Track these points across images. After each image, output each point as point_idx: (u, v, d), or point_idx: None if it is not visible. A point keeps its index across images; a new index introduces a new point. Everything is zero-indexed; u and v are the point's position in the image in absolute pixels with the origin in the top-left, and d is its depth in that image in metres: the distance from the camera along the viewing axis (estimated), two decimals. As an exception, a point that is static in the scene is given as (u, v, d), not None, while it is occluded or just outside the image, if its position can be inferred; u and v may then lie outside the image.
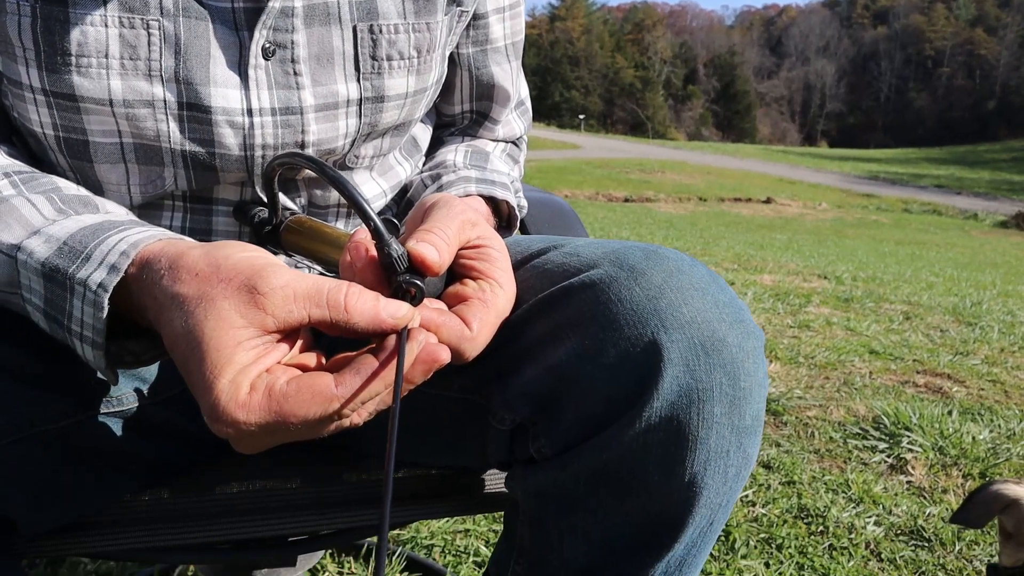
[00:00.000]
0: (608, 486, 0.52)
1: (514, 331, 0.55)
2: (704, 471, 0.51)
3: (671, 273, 0.53)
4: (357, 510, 0.68)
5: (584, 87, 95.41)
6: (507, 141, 0.84)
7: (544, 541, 0.57)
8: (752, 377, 0.52)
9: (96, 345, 0.45)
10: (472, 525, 1.47)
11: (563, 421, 0.53)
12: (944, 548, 1.51)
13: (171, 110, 0.57)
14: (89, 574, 1.27)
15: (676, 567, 0.55)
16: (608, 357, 0.50)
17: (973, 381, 2.82)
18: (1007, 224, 20.11)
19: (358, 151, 0.67)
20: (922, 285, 5.71)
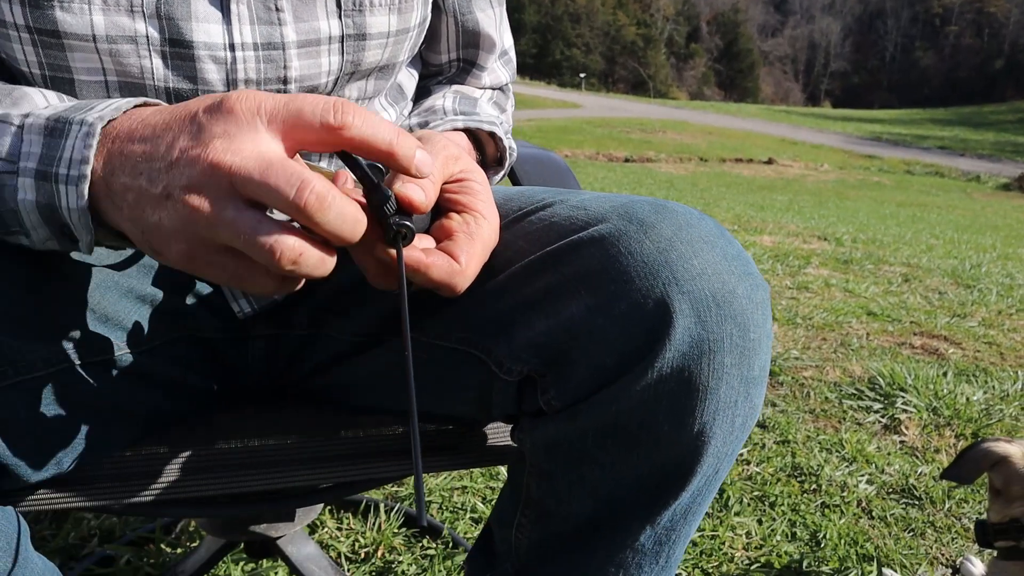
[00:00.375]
0: (618, 437, 0.53)
1: (520, 283, 0.56)
2: (713, 421, 0.52)
3: (680, 227, 0.53)
4: (355, 464, 0.69)
5: (585, 45, 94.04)
6: (493, 88, 0.84)
7: (552, 493, 0.58)
8: (761, 328, 0.53)
9: (81, 177, 0.44)
10: (469, 482, 1.49)
11: (573, 374, 0.53)
12: (934, 506, 1.54)
13: (154, 46, 0.57)
14: (92, 530, 1.29)
15: (682, 515, 0.57)
16: (619, 309, 0.51)
17: (969, 343, 2.83)
18: (1010, 187, 20.00)
19: (342, 91, 0.67)
20: (922, 247, 5.71)
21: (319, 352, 0.70)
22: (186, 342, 0.66)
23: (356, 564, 1.23)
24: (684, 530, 0.58)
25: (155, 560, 1.21)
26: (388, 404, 0.70)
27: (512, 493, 0.63)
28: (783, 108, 63.31)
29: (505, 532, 0.64)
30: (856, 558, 1.33)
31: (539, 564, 0.61)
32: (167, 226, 0.43)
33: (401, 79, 0.77)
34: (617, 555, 0.57)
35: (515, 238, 0.59)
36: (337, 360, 0.70)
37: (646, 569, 0.58)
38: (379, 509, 1.34)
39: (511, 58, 0.86)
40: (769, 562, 1.30)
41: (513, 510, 0.62)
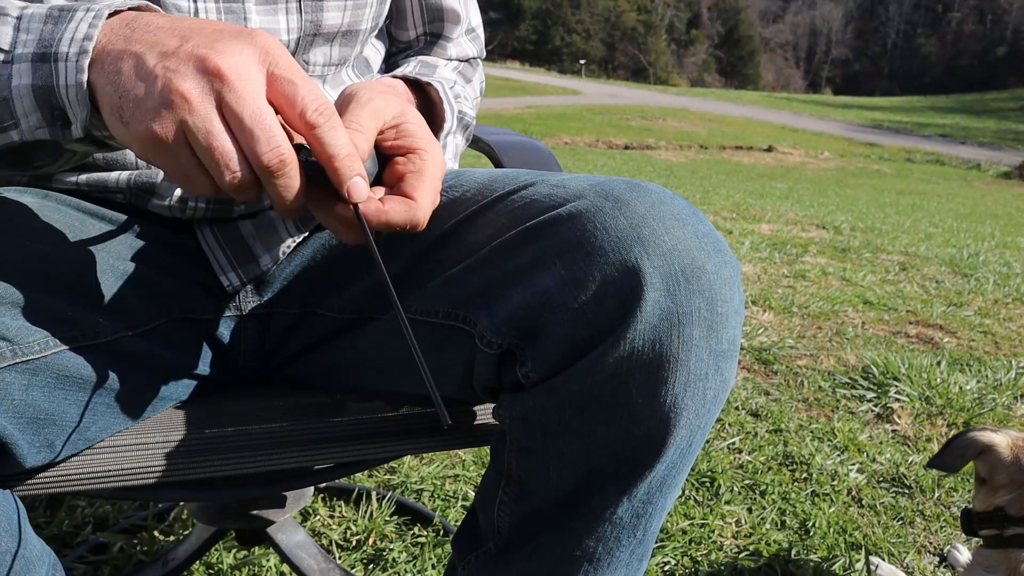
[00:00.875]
0: (593, 409, 0.54)
1: (500, 257, 0.58)
2: (684, 392, 0.53)
3: (653, 204, 0.55)
4: (351, 445, 0.70)
5: (585, 31, 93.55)
6: (460, 60, 0.87)
7: (531, 468, 0.59)
8: (729, 303, 0.54)
9: (82, 53, 0.47)
10: (461, 471, 1.50)
11: (549, 345, 0.54)
12: (924, 495, 1.55)
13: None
14: (86, 518, 1.30)
15: (657, 487, 0.58)
16: (593, 282, 0.53)
17: (964, 332, 2.84)
18: (1010, 175, 19.94)
19: (307, 56, 0.69)
20: (920, 236, 5.71)
21: (310, 332, 0.72)
22: (179, 324, 0.67)
23: (348, 551, 1.24)
24: (660, 503, 0.59)
25: (148, 547, 1.22)
26: (379, 383, 0.71)
27: (494, 473, 0.64)
28: (784, 95, 63.04)
29: (488, 512, 0.65)
30: (844, 546, 1.34)
31: (521, 541, 0.62)
32: (148, 104, 0.45)
33: (368, 53, 0.79)
34: (596, 529, 0.59)
35: (497, 216, 0.61)
36: (327, 339, 0.71)
37: (624, 542, 0.60)
38: (371, 497, 1.35)
39: (479, 35, 0.89)
40: (758, 550, 1.31)
41: (495, 489, 0.63)
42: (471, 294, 0.59)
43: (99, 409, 0.60)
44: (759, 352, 2.37)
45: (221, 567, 1.16)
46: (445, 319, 0.61)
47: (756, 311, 2.92)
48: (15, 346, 0.52)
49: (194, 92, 0.44)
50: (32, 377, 0.53)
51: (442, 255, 0.63)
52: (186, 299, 0.68)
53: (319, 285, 0.71)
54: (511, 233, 0.58)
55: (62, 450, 0.58)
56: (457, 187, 0.68)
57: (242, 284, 0.70)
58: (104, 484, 0.62)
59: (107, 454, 0.62)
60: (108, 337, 0.59)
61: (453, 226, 0.64)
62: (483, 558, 0.66)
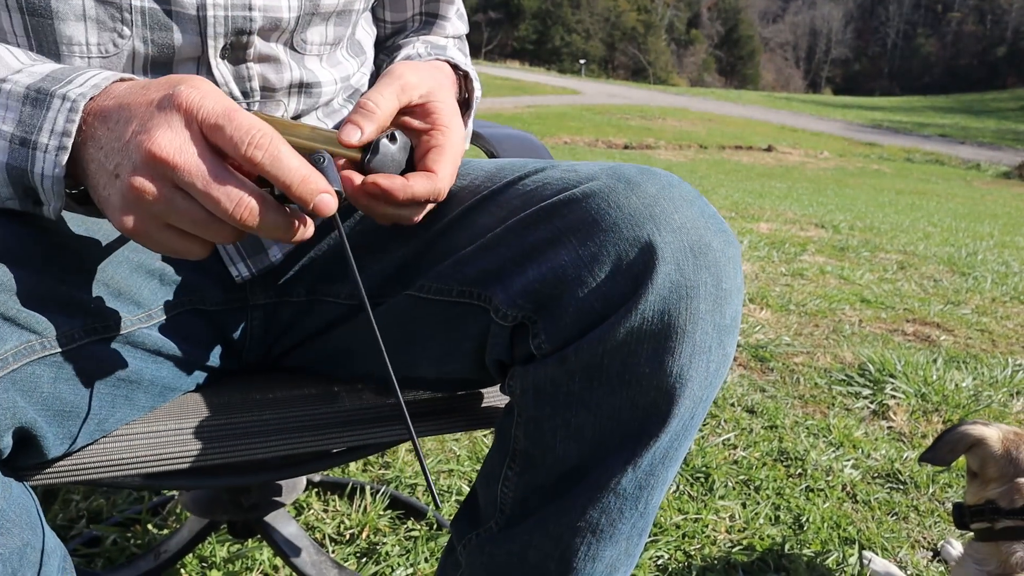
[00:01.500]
0: (602, 379, 0.56)
1: (515, 236, 0.60)
2: (690, 364, 0.55)
3: (663, 186, 0.58)
4: (357, 430, 0.70)
5: (585, 31, 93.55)
6: (455, 38, 0.89)
7: (539, 440, 0.60)
8: (732, 281, 0.57)
9: (61, 149, 0.49)
10: (456, 465, 1.50)
11: (562, 317, 0.56)
12: (918, 490, 1.55)
13: None
14: (81, 511, 1.30)
15: (661, 459, 0.59)
16: (607, 256, 0.55)
17: (961, 330, 2.84)
18: (1010, 175, 19.93)
19: (304, 35, 0.70)
20: (919, 235, 5.70)
21: (316, 319, 0.73)
22: (191, 315, 0.68)
23: (341, 545, 1.24)
24: (663, 475, 0.60)
25: (141, 540, 1.22)
26: (380, 371, 0.72)
27: (499, 449, 0.65)
28: (784, 95, 63.04)
29: (491, 490, 0.66)
30: (838, 541, 1.34)
31: (523, 516, 0.63)
32: (115, 202, 0.50)
33: (359, 36, 0.81)
34: (600, 499, 0.59)
35: (510, 199, 0.64)
36: (333, 325, 0.73)
37: (627, 514, 0.60)
38: (365, 491, 1.35)
39: (463, 13, 0.92)
40: (751, 545, 1.31)
41: (500, 465, 0.64)
42: (485, 272, 0.61)
43: (117, 400, 0.61)
44: (755, 349, 2.37)
45: (214, 560, 1.16)
46: (459, 297, 0.63)
47: (753, 309, 2.92)
48: (44, 339, 0.53)
49: (148, 185, 0.48)
50: (59, 370, 0.54)
51: (455, 238, 0.65)
52: (197, 290, 0.69)
53: (327, 273, 0.72)
54: (525, 213, 0.60)
55: (81, 440, 0.60)
56: (465, 175, 0.70)
57: (251, 275, 0.71)
58: (118, 472, 0.63)
59: (121, 442, 0.63)
60: (127, 329, 0.61)
61: (464, 211, 0.66)
62: (484, 536, 0.66)
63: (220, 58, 0.65)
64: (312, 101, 0.73)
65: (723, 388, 2.03)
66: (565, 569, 0.62)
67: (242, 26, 0.64)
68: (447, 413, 0.74)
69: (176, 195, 0.48)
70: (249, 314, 0.73)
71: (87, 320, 0.57)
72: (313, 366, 0.76)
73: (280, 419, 0.68)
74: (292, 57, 0.70)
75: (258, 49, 0.67)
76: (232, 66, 0.66)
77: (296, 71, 0.70)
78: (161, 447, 0.64)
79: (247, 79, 0.68)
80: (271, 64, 0.69)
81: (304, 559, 1.03)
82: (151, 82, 0.51)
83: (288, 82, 0.70)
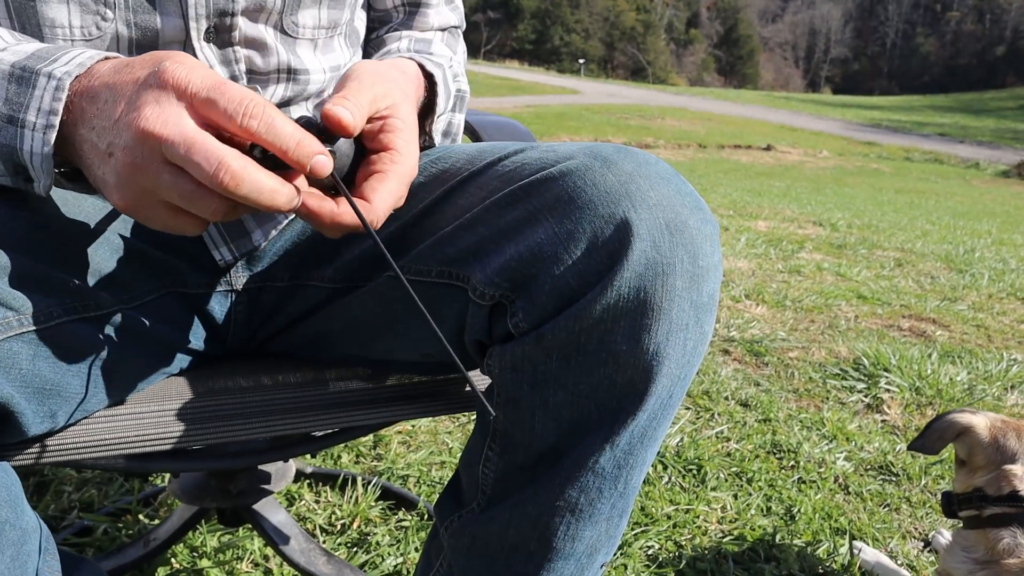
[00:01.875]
0: (579, 357, 0.56)
1: (493, 215, 0.60)
2: (667, 342, 0.55)
3: (640, 164, 0.58)
4: (343, 412, 0.70)
5: (584, 30, 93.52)
6: (442, 30, 0.88)
7: (517, 420, 0.60)
8: (709, 259, 0.57)
9: (48, 127, 0.50)
10: (448, 457, 1.50)
11: (540, 295, 0.56)
12: (911, 482, 1.55)
13: None
14: (72, 502, 1.31)
15: (639, 438, 0.59)
16: (582, 233, 0.55)
17: (957, 326, 2.84)
18: (1008, 174, 19.93)
19: (295, 17, 0.70)
20: (917, 233, 5.70)
21: (300, 303, 0.73)
22: (173, 298, 0.68)
23: (332, 535, 1.24)
24: (642, 455, 0.60)
25: (132, 530, 1.22)
26: (368, 351, 0.72)
27: (480, 430, 0.65)
28: (783, 94, 63.01)
29: (473, 471, 0.66)
30: (829, 532, 1.34)
31: (504, 496, 0.63)
32: (110, 181, 0.49)
33: (356, 24, 0.80)
34: (579, 479, 0.60)
35: (489, 180, 0.63)
36: (317, 309, 0.73)
37: (606, 494, 0.61)
38: (356, 483, 1.35)
39: (458, 5, 0.90)
40: (742, 535, 1.31)
41: (481, 446, 0.64)
42: (464, 251, 0.61)
43: (99, 380, 0.61)
44: (751, 344, 2.37)
45: (205, 549, 1.16)
46: (438, 277, 0.63)
47: (749, 305, 2.92)
48: (21, 316, 0.53)
49: (140, 162, 0.48)
50: (37, 348, 0.54)
51: (435, 220, 0.65)
52: (179, 273, 0.69)
53: (310, 257, 0.72)
54: (503, 192, 0.60)
55: (62, 420, 0.59)
56: (446, 159, 0.70)
57: (234, 259, 0.71)
58: (101, 453, 0.63)
59: (103, 423, 0.63)
60: (108, 309, 0.61)
61: (443, 193, 0.66)
62: (466, 517, 0.66)
63: (204, 41, 0.65)
64: (299, 88, 0.73)
65: (718, 382, 2.03)
66: (545, 548, 0.62)
67: (224, 7, 0.64)
68: (430, 396, 0.74)
69: (164, 169, 0.48)
70: (233, 298, 0.73)
71: (66, 299, 0.57)
72: (298, 350, 0.76)
73: (263, 402, 0.68)
74: (282, 41, 0.70)
75: (244, 32, 0.67)
76: (218, 49, 0.66)
77: (283, 55, 0.70)
78: (143, 428, 0.64)
79: (234, 62, 0.67)
80: (258, 48, 0.69)
81: (293, 547, 1.03)
82: (134, 60, 0.51)
83: (275, 66, 0.70)
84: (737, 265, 3.73)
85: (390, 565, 1.16)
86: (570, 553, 0.62)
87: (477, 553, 0.65)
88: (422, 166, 0.70)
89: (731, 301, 2.95)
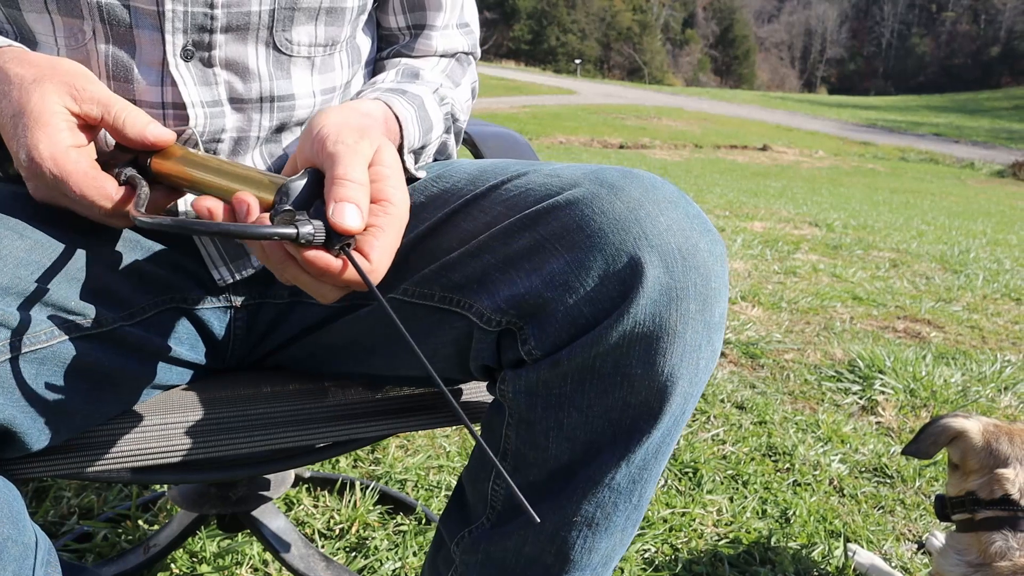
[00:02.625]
0: (594, 381, 0.57)
1: (499, 243, 0.60)
2: (680, 363, 0.56)
3: (646, 189, 0.59)
4: (343, 425, 0.71)
5: (581, 31, 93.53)
6: (446, 56, 0.83)
7: (531, 441, 0.61)
8: (720, 279, 0.58)
9: None
10: (446, 461, 1.51)
11: (552, 324, 0.57)
12: (905, 484, 1.56)
13: None
14: (72, 508, 1.31)
15: (653, 454, 0.60)
16: (594, 263, 0.55)
17: (952, 327, 2.86)
18: (1003, 174, 19.99)
19: (289, 34, 0.67)
20: (912, 233, 5.72)
21: (298, 320, 0.73)
22: (173, 313, 0.68)
23: (331, 540, 1.25)
24: (655, 469, 0.62)
25: (132, 536, 1.22)
26: (366, 367, 0.73)
27: (489, 447, 0.65)
28: (779, 95, 63.09)
29: (481, 487, 0.66)
30: (824, 534, 1.35)
31: (517, 512, 0.64)
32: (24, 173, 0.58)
33: (359, 41, 0.76)
34: (596, 495, 0.60)
35: (493, 204, 0.63)
36: (315, 328, 0.73)
37: (621, 507, 0.62)
38: (355, 487, 1.36)
39: (473, 31, 0.85)
40: (738, 538, 1.32)
41: (490, 464, 0.65)
42: (468, 279, 0.61)
43: (100, 396, 0.61)
44: (746, 346, 2.38)
45: (204, 555, 1.17)
46: (440, 303, 0.63)
47: (745, 306, 2.93)
48: (23, 336, 0.54)
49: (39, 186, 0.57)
50: (40, 366, 0.55)
51: (437, 243, 0.65)
52: (178, 289, 0.69)
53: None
54: (509, 221, 0.60)
55: (64, 435, 0.60)
56: (447, 177, 0.69)
57: (233, 279, 0.71)
58: (105, 467, 0.63)
59: (105, 437, 0.64)
60: (107, 327, 0.61)
61: (447, 215, 0.65)
62: (477, 532, 0.67)
63: (181, 59, 0.63)
64: (285, 116, 0.69)
65: (713, 384, 2.04)
66: (563, 561, 0.63)
67: (203, 23, 0.62)
68: (431, 409, 0.74)
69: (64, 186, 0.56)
70: (232, 314, 0.73)
71: (66, 317, 0.57)
72: (299, 365, 0.77)
73: (265, 414, 0.69)
74: (273, 61, 0.67)
75: (225, 53, 0.64)
76: (197, 70, 0.64)
77: (267, 82, 0.67)
78: (146, 442, 0.64)
79: (214, 84, 0.65)
80: (239, 72, 0.66)
81: (293, 553, 1.03)
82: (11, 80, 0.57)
83: (257, 94, 0.67)
84: (733, 267, 3.75)
85: (388, 569, 1.17)
86: (587, 564, 0.63)
87: (493, 568, 0.66)
88: (422, 184, 0.70)
89: (727, 303, 2.96)
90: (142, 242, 0.68)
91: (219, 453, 0.67)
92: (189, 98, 0.64)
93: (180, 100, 0.64)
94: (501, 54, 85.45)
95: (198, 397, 0.69)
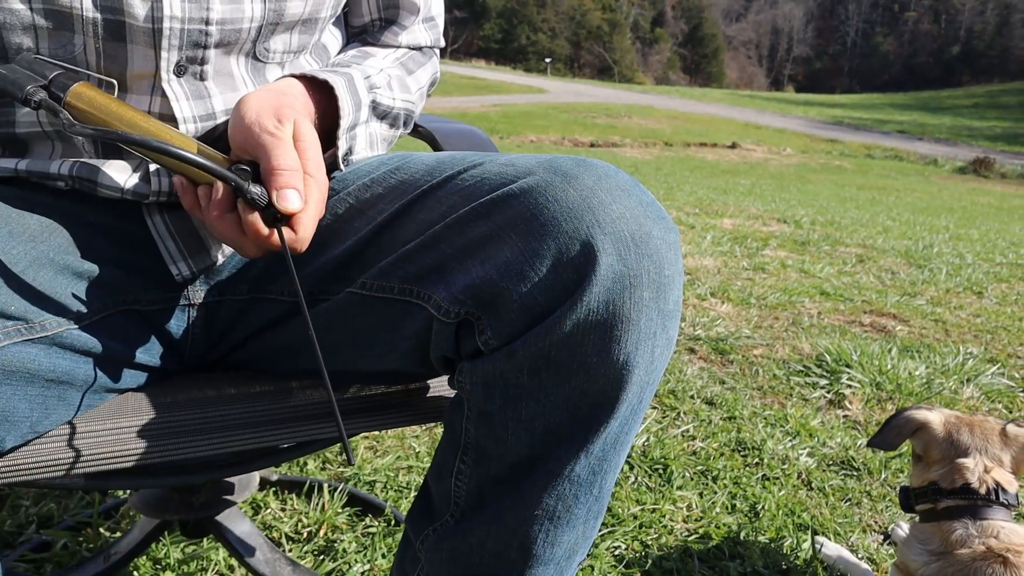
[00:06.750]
0: (550, 371, 0.57)
1: (454, 233, 0.60)
2: (636, 351, 0.56)
3: (600, 177, 0.59)
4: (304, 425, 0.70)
5: (551, 30, 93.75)
6: (410, 48, 0.85)
7: (490, 433, 0.61)
8: (673, 267, 0.58)
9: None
10: (415, 462, 1.50)
11: (508, 313, 0.57)
12: (871, 476, 1.58)
13: None
14: (30, 517, 1.28)
15: (612, 444, 0.60)
16: (548, 251, 0.56)
17: (916, 320, 2.91)
18: (965, 170, 20.44)
19: (267, 44, 0.69)
20: (878, 229, 5.82)
21: (258, 317, 0.72)
22: (124, 315, 0.67)
23: (299, 543, 1.23)
24: (614, 460, 0.61)
25: (93, 544, 1.19)
26: (328, 364, 0.71)
27: (450, 442, 0.65)
28: (747, 93, 63.82)
29: (444, 483, 0.66)
30: (792, 527, 1.36)
31: (480, 507, 0.64)
32: None
33: (325, 40, 0.78)
34: (556, 487, 0.60)
35: (449, 194, 0.63)
36: (276, 323, 0.72)
37: (582, 500, 0.62)
38: (323, 489, 1.34)
39: (436, 24, 0.87)
40: (707, 533, 1.32)
41: (452, 458, 0.64)
42: (426, 269, 0.61)
43: (49, 401, 0.59)
44: (716, 342, 2.40)
45: (168, 562, 1.14)
46: (400, 295, 0.63)
47: (714, 303, 2.95)
48: None
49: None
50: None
51: (395, 234, 0.65)
52: (132, 290, 0.67)
53: (269, 271, 0.71)
54: (464, 210, 0.60)
55: (10, 443, 0.58)
56: (404, 169, 0.69)
57: (192, 275, 0.70)
58: (56, 473, 0.62)
59: (56, 443, 0.62)
60: (54, 330, 0.59)
61: (403, 206, 0.65)
62: (441, 530, 0.67)
63: (174, 75, 0.64)
64: None
65: (683, 381, 2.05)
66: (525, 556, 0.63)
67: (198, 39, 0.63)
68: (396, 408, 0.74)
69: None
70: (189, 313, 0.72)
71: (9, 323, 0.56)
72: (256, 364, 0.75)
73: (223, 416, 0.67)
74: (251, 68, 0.69)
75: (215, 67, 0.66)
76: (190, 85, 0.65)
77: (250, 88, 0.69)
78: (98, 447, 0.63)
79: (207, 97, 0.66)
80: (227, 83, 0.67)
81: (258, 558, 1.02)
82: None
83: None
84: (703, 263, 3.78)
85: (357, 572, 1.15)
86: (550, 558, 0.63)
87: (457, 565, 0.65)
88: (381, 176, 0.70)
89: (697, 299, 2.98)
90: (94, 244, 0.66)
91: (175, 457, 0.65)
92: (181, 113, 0.65)
93: (169, 112, 0.65)
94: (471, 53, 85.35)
95: (154, 400, 0.68)
